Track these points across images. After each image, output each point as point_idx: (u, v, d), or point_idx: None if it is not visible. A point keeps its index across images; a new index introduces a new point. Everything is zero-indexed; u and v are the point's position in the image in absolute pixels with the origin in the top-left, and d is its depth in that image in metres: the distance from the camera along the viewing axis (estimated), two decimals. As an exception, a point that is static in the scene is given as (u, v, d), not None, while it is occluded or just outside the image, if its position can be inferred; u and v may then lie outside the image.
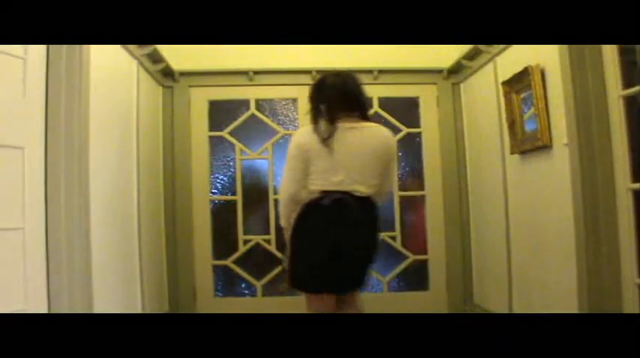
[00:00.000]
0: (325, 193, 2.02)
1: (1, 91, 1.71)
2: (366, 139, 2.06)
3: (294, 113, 3.78)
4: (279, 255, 3.51)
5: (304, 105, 2.49)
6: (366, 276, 2.20)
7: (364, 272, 2.18)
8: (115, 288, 2.45)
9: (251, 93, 3.69)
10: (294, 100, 3.75)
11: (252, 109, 3.69)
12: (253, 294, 3.66)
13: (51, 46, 1.91)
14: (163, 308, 3.32)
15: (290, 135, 3.40)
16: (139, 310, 2.77)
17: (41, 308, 1.81)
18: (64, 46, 1.92)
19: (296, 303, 3.43)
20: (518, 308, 2.89)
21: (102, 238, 2.22)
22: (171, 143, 3.51)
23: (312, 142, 2.05)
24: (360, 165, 2.04)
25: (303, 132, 2.15)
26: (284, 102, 3.81)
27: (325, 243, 2.02)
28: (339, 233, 2.02)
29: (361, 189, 2.03)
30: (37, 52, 1.87)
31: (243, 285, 3.71)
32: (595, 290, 2.12)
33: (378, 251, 2.18)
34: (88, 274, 1.98)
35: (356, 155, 2.04)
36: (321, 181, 2.04)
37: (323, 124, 2.08)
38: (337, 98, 2.10)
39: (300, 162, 2.07)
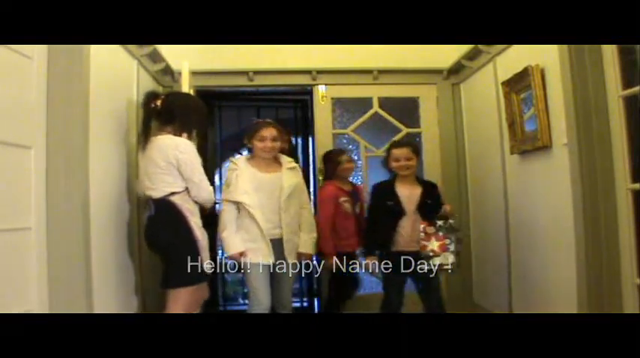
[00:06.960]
0: None
1: (12, 90, 1.70)
2: (153, 150, 2.30)
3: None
4: None
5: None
6: (169, 274, 2.29)
7: (168, 269, 2.30)
8: (115, 288, 2.44)
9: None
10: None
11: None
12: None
13: (51, 46, 1.91)
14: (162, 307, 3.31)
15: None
16: (139, 310, 2.77)
17: (42, 308, 1.81)
18: (64, 46, 1.92)
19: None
20: (518, 308, 2.89)
21: (102, 238, 2.22)
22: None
23: None
24: (148, 172, 2.30)
25: None
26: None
27: None
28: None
29: (151, 193, 2.29)
30: (40, 51, 1.87)
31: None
32: (595, 290, 2.12)
33: (174, 249, 2.26)
34: (88, 274, 1.98)
35: (148, 164, 2.29)
36: None
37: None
38: (155, 117, 2.41)
39: None
